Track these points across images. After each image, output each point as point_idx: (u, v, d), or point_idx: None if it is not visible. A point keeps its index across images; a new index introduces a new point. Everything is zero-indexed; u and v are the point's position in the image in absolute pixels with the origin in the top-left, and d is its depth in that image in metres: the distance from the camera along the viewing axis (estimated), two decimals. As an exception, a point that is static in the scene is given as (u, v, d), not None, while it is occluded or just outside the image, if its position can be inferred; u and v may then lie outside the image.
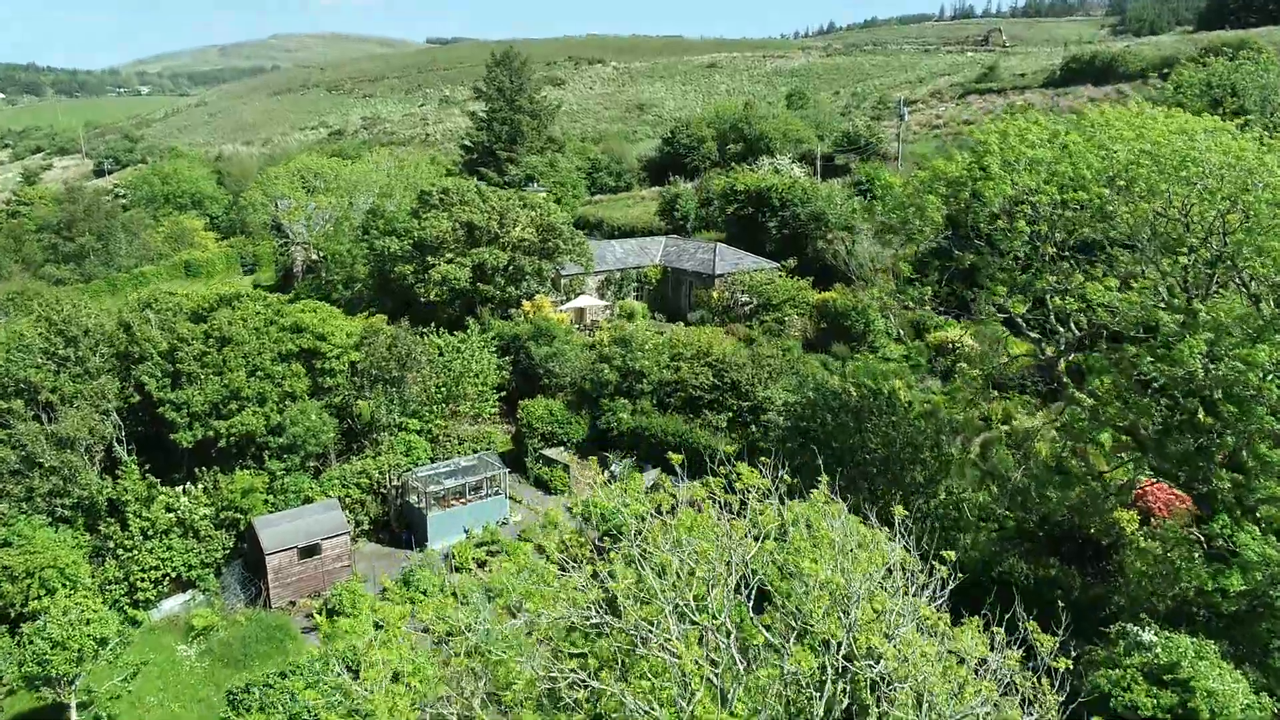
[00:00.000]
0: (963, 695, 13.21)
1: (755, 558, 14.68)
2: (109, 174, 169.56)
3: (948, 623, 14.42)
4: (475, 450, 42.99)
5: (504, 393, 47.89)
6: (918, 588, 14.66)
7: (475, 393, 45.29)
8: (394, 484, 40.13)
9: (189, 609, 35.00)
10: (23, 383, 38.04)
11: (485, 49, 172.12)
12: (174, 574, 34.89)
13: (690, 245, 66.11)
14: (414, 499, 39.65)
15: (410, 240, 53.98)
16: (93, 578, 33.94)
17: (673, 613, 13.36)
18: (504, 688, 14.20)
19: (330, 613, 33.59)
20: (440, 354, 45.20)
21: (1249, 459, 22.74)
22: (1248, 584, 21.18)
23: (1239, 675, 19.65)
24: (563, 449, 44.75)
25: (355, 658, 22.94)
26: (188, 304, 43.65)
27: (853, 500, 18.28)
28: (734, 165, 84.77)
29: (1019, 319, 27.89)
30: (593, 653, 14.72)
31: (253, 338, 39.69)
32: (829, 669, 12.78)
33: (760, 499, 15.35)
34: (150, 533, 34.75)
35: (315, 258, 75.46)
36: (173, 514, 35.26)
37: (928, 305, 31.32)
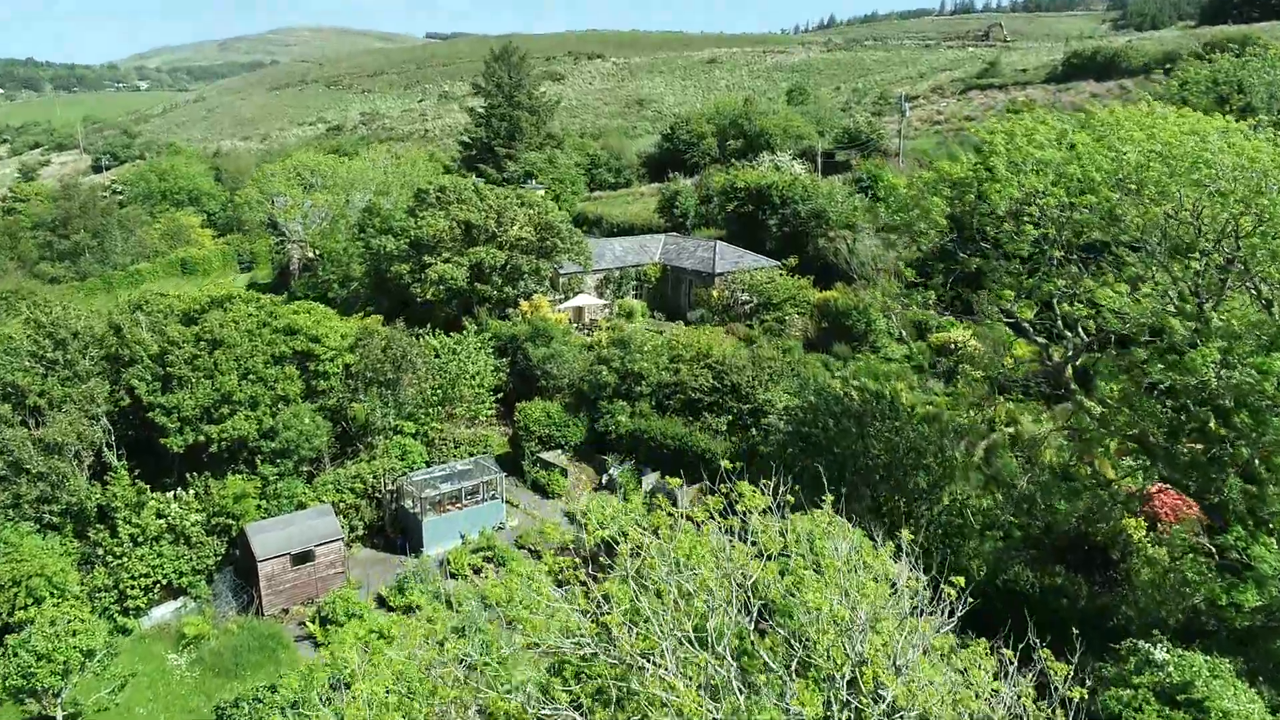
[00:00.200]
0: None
1: (757, 581, 14.10)
2: (107, 169, 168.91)
3: (955, 648, 13.83)
4: (471, 454, 42.37)
5: (501, 395, 47.24)
6: (925, 614, 14.07)
7: (472, 395, 44.67)
8: (389, 489, 39.54)
9: (180, 617, 34.42)
10: (9, 386, 37.30)
11: (484, 44, 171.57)
12: (164, 581, 34.24)
13: (690, 243, 65.38)
14: (409, 504, 39.06)
15: (407, 239, 53.32)
16: (81, 585, 33.29)
17: (670, 643, 12.76)
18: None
19: (324, 620, 33.07)
20: (436, 355, 44.55)
21: (1263, 470, 22.14)
22: (1263, 599, 20.59)
23: (1254, 695, 19.05)
24: (560, 452, 44.14)
25: (346, 675, 22.32)
26: (179, 305, 42.90)
27: (856, 509, 17.71)
28: (734, 162, 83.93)
29: (1026, 324, 27.28)
30: (587, 675, 14.17)
31: (245, 340, 38.99)
32: (834, 704, 12.18)
33: (761, 515, 14.77)
34: (140, 539, 34.09)
35: (312, 256, 74.70)
36: (163, 520, 34.60)
37: (932, 309, 30.73)
